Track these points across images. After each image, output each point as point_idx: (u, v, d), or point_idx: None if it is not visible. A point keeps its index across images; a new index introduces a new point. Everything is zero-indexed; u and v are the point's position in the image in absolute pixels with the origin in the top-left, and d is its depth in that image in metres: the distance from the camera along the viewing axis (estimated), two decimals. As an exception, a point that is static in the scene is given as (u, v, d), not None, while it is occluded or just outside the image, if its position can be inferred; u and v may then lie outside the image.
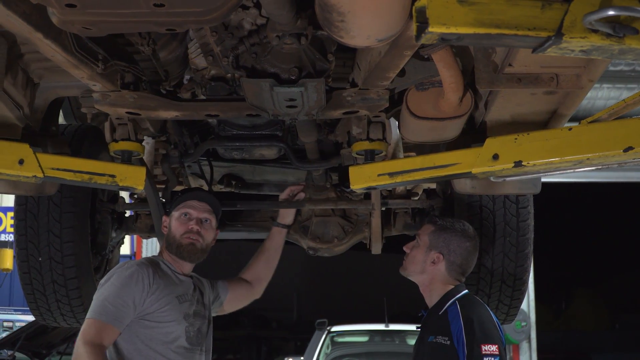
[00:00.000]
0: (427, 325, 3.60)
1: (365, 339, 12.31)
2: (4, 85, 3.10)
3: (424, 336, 3.58)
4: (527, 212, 4.60)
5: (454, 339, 3.36)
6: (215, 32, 2.91)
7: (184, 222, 3.70)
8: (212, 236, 3.79)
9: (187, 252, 3.64)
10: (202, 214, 3.74)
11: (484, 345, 3.28)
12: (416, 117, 3.42)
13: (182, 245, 3.64)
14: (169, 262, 3.73)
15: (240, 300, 4.28)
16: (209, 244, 3.75)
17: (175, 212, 3.76)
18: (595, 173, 12.30)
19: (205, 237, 3.71)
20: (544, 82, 3.07)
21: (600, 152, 3.12)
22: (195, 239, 3.64)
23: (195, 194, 3.86)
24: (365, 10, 2.21)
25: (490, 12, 2.04)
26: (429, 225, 3.71)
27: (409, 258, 3.70)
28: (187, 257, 3.66)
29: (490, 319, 3.48)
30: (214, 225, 3.79)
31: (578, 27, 2.02)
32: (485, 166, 3.27)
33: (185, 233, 3.64)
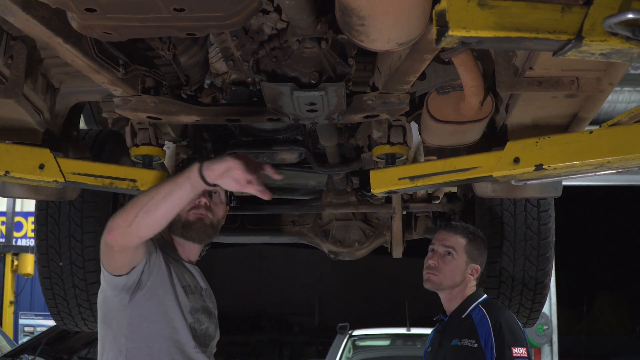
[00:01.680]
0: (449, 330, 3.55)
1: (387, 343, 12.30)
2: (24, 90, 3.11)
3: (444, 341, 3.53)
4: (548, 216, 4.58)
5: (482, 341, 3.35)
6: (235, 37, 2.91)
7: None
8: (223, 212, 3.16)
9: (195, 230, 3.03)
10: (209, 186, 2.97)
11: (514, 348, 3.31)
12: (437, 120, 3.41)
13: (190, 222, 3.02)
14: (172, 248, 3.12)
15: None
16: (219, 220, 3.14)
17: None
18: (617, 176, 12.23)
19: (216, 212, 3.09)
20: (564, 85, 3.05)
21: (621, 155, 3.10)
22: (204, 214, 3.04)
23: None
24: (385, 14, 2.21)
25: (510, 16, 2.04)
26: (459, 237, 3.60)
27: (447, 273, 3.55)
28: (196, 236, 3.05)
29: (517, 322, 3.54)
30: (223, 198, 3.15)
31: (598, 30, 2.01)
32: (506, 170, 3.27)
33: (192, 209, 3.01)
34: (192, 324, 2.96)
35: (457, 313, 3.53)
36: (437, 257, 3.56)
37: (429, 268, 3.56)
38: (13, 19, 2.43)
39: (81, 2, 2.19)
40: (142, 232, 2.69)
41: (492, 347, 3.30)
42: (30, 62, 3.12)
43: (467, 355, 3.36)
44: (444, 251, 3.56)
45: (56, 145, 3.52)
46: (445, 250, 3.56)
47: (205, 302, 3.11)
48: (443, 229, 3.72)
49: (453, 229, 3.65)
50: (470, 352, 3.35)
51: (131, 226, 2.62)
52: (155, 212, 2.62)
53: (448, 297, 3.59)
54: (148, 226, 2.67)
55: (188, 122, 3.50)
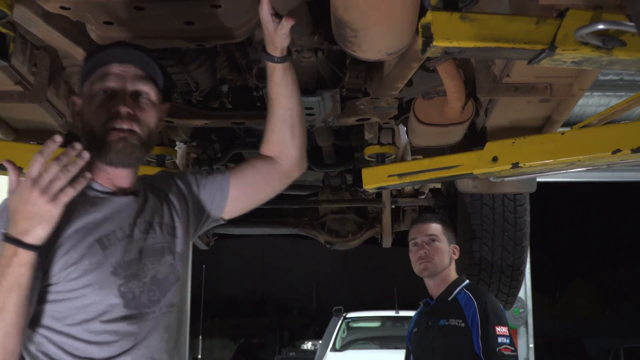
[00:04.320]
0: (436, 312, 3.55)
1: (378, 324, 12.34)
2: (48, 95, 3.10)
3: (432, 322, 3.53)
4: (523, 209, 4.59)
5: (469, 321, 3.36)
6: (240, 47, 2.91)
7: (102, 103, 1.99)
8: (155, 119, 2.06)
9: (115, 153, 1.95)
10: (130, 83, 2.01)
11: (497, 326, 3.33)
12: (423, 123, 3.42)
13: (108, 142, 1.95)
14: (94, 175, 1.98)
15: (259, 187, 2.35)
16: (152, 130, 2.05)
17: (88, 88, 2.05)
18: (588, 173, 12.24)
19: (145, 122, 2.01)
20: (539, 90, 3.06)
21: (590, 155, 3.10)
22: (127, 132, 1.97)
23: (115, 52, 2.05)
24: (376, 26, 2.21)
25: (490, 28, 2.03)
26: (435, 224, 3.66)
27: (438, 258, 3.57)
28: (118, 161, 1.97)
29: (499, 304, 3.58)
30: (154, 99, 2.06)
31: (570, 41, 2.01)
32: (485, 167, 3.27)
33: (108, 120, 1.96)
34: (120, 286, 1.90)
35: (443, 296, 3.54)
36: (424, 247, 3.57)
37: (421, 258, 3.56)
38: (36, 30, 2.42)
39: (100, 15, 2.19)
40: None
41: (477, 326, 3.32)
42: (53, 69, 3.12)
43: (455, 333, 3.37)
44: (428, 239, 3.59)
45: (78, 146, 3.51)
46: (429, 239, 3.59)
47: (148, 240, 2.03)
48: (417, 223, 3.74)
49: (427, 220, 3.71)
50: (459, 331, 3.36)
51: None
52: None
53: (437, 282, 3.59)
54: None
55: (198, 125, 3.49)
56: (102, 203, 1.98)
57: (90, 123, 1.99)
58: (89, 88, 2.03)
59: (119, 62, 2.01)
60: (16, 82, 3.01)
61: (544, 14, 2.11)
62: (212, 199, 2.27)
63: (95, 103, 1.99)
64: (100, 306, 1.86)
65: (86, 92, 2.04)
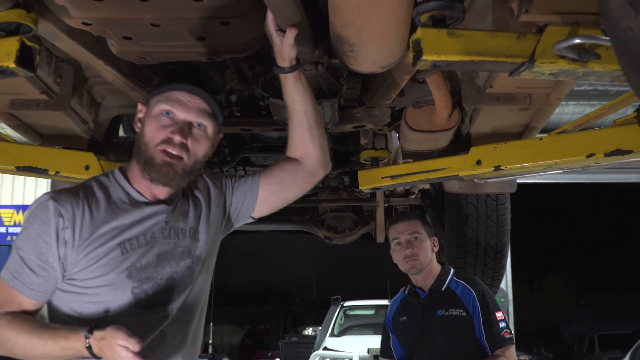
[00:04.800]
0: (431, 302, 3.37)
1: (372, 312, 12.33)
2: (72, 104, 3.10)
3: (427, 312, 3.35)
4: (505, 208, 4.60)
5: (470, 309, 3.22)
6: (247, 61, 2.91)
7: (162, 125, 1.97)
8: (205, 149, 2.06)
9: (158, 173, 1.95)
10: (193, 114, 2.00)
11: (496, 312, 3.22)
12: (413, 130, 3.41)
13: (154, 162, 1.95)
14: (132, 182, 2.04)
15: (287, 186, 2.33)
16: (198, 160, 2.03)
17: (154, 104, 2.03)
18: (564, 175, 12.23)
19: (194, 153, 2.00)
20: (519, 100, 3.05)
21: (566, 158, 3.10)
22: (174, 157, 1.96)
23: (185, 81, 2.04)
24: (371, 42, 2.21)
25: (474, 43, 2.03)
26: (413, 222, 3.46)
27: (422, 254, 3.38)
28: (158, 179, 1.97)
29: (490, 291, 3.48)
30: (210, 132, 2.06)
31: (548, 54, 2.01)
32: (470, 170, 3.27)
33: (162, 143, 1.95)
34: (134, 288, 1.92)
35: (435, 287, 3.38)
36: (408, 246, 3.39)
37: (407, 257, 3.38)
38: (60, 44, 2.41)
39: (119, 31, 2.18)
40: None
41: (479, 313, 3.20)
42: (76, 80, 3.11)
43: (457, 323, 3.22)
44: (410, 238, 3.40)
45: (99, 150, 3.51)
46: (412, 237, 3.40)
47: (173, 244, 2.03)
48: (397, 223, 3.51)
49: (405, 218, 3.50)
50: (460, 320, 3.22)
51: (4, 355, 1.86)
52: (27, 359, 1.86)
53: (424, 275, 3.41)
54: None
55: (209, 131, 3.48)
56: (133, 210, 1.99)
57: (146, 138, 1.99)
58: (155, 103, 2.02)
59: (188, 93, 2.01)
60: (42, 91, 3.01)
61: (524, 30, 2.11)
62: (243, 200, 2.29)
63: (156, 122, 1.99)
64: (113, 304, 1.89)
65: (152, 105, 2.04)
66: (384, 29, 2.11)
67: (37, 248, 1.85)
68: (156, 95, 2.03)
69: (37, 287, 1.86)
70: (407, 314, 3.45)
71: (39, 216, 1.87)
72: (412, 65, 2.07)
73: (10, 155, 3.30)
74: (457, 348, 3.16)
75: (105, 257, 1.89)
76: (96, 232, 1.89)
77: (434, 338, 3.22)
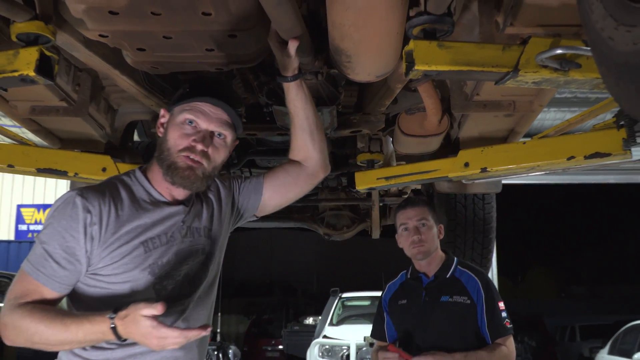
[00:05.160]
0: (435, 288, 3.13)
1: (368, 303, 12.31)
2: (89, 110, 3.10)
3: (430, 297, 3.12)
4: (491, 207, 4.60)
5: (474, 298, 3.03)
6: (253, 71, 2.91)
7: (186, 133, 1.98)
8: (224, 156, 2.06)
9: (180, 177, 1.96)
10: (214, 125, 2.01)
11: (499, 302, 3.06)
12: (406, 134, 3.42)
13: (177, 166, 1.95)
14: (152, 183, 2.04)
15: (290, 187, 2.35)
16: (217, 166, 2.05)
17: (178, 112, 2.02)
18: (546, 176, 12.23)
19: (213, 160, 2.01)
20: (504, 107, 3.05)
21: (548, 161, 3.11)
22: (196, 163, 1.96)
23: (209, 94, 2.03)
24: (367, 54, 2.21)
25: (463, 54, 2.03)
26: (422, 208, 3.18)
27: (430, 240, 3.13)
28: (180, 183, 1.97)
29: None
30: (229, 142, 2.07)
31: (531, 64, 2.00)
32: (458, 172, 3.27)
33: (184, 150, 1.96)
34: (155, 284, 1.92)
35: (440, 273, 3.15)
36: (416, 232, 3.13)
37: (414, 243, 3.12)
38: (78, 54, 2.41)
39: (134, 42, 2.18)
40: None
41: (482, 302, 3.02)
42: (94, 88, 3.11)
43: (461, 310, 3.03)
44: (418, 224, 3.13)
45: (115, 153, 3.50)
46: (419, 223, 3.13)
47: (189, 243, 2.03)
48: (405, 209, 3.22)
49: (414, 204, 3.22)
50: (464, 307, 3.02)
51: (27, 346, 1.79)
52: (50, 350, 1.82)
53: (429, 261, 3.15)
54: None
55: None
56: (154, 210, 1.98)
57: (169, 143, 1.99)
58: (179, 112, 2.01)
59: (211, 104, 2.01)
60: (61, 98, 3.01)
61: (509, 42, 2.11)
62: (248, 200, 2.30)
63: (180, 130, 1.99)
64: (134, 299, 1.82)
65: (176, 113, 2.03)
66: (379, 41, 2.12)
67: (64, 242, 1.81)
68: (181, 104, 2.02)
69: (61, 279, 1.82)
70: (407, 297, 3.23)
71: (67, 212, 1.84)
72: (405, 74, 2.07)
73: (32, 158, 3.30)
74: (458, 334, 3.01)
75: (130, 254, 1.87)
76: (121, 229, 1.88)
77: (436, 323, 3.04)
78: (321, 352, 10.66)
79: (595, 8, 1.25)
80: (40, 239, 1.84)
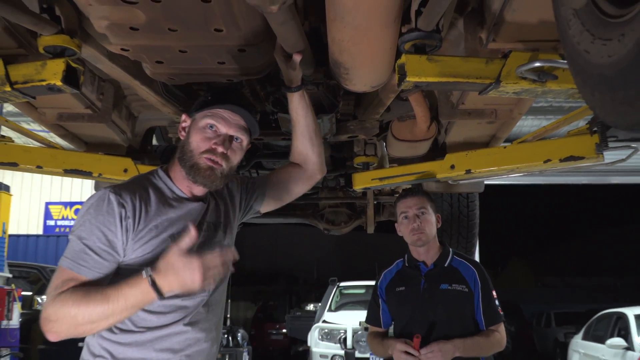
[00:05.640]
0: (434, 276, 2.99)
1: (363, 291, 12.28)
2: (112, 117, 3.10)
3: (429, 284, 2.98)
4: (474, 205, 4.60)
5: (471, 285, 2.95)
6: (260, 82, 2.90)
7: (207, 137, 1.99)
8: (239, 158, 2.09)
9: (202, 177, 1.97)
10: (233, 129, 2.02)
11: (492, 291, 3.00)
12: (398, 139, 3.41)
13: (199, 167, 1.97)
14: (174, 181, 2.04)
15: (290, 187, 2.38)
16: (233, 167, 2.06)
17: (200, 118, 2.02)
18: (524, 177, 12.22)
19: (231, 161, 2.02)
20: (486, 115, 3.05)
21: (526, 163, 3.10)
22: (216, 164, 1.97)
23: (229, 102, 2.05)
24: (363, 66, 2.21)
25: (449, 67, 2.03)
26: (421, 197, 3.05)
27: (429, 228, 3.00)
28: (201, 182, 1.98)
29: None
30: (244, 145, 2.09)
31: (512, 76, 2.01)
32: (445, 173, 3.26)
33: (206, 152, 1.97)
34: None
35: (439, 262, 3.03)
36: (416, 220, 3.01)
37: (414, 230, 2.99)
38: (102, 66, 2.41)
39: (152, 56, 2.18)
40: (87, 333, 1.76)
41: (479, 290, 2.94)
42: (116, 97, 3.11)
43: (459, 297, 2.93)
44: (418, 212, 3.01)
45: (136, 156, 3.51)
46: (419, 211, 3.01)
47: (208, 236, 2.04)
48: (405, 198, 3.09)
49: (414, 193, 3.09)
50: (462, 295, 2.93)
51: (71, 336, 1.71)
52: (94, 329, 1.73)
53: (426, 249, 3.03)
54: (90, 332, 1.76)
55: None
56: (178, 205, 1.97)
57: (192, 146, 1.99)
58: (202, 117, 2.02)
59: (231, 111, 2.02)
60: (86, 106, 3.00)
61: (492, 56, 2.10)
62: (253, 197, 2.30)
63: (202, 134, 1.99)
64: None
65: (198, 118, 2.02)
66: (374, 55, 2.11)
67: (102, 236, 1.78)
68: (203, 110, 2.02)
69: (102, 269, 1.78)
70: (405, 285, 3.07)
71: (103, 208, 1.81)
72: (397, 85, 2.07)
73: (59, 160, 3.30)
74: (456, 321, 2.90)
75: (160, 246, 1.86)
76: (150, 223, 1.87)
77: (435, 310, 2.91)
78: (321, 335, 10.65)
79: (572, 24, 1.25)
80: (79, 235, 1.79)
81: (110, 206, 1.82)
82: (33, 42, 2.24)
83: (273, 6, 1.66)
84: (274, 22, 1.83)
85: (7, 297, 7.28)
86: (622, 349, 8.12)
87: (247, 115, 2.05)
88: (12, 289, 7.41)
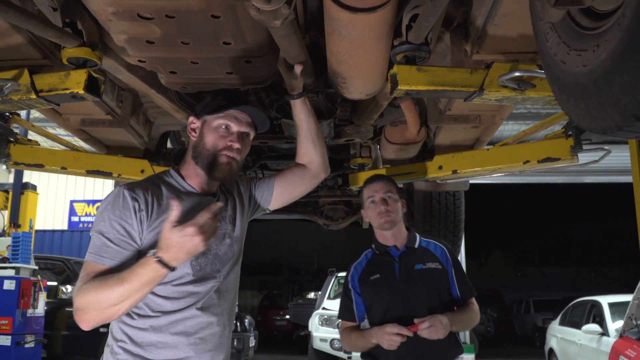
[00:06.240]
0: (407, 258, 2.78)
1: (359, 281, 12.30)
2: (130, 122, 3.09)
3: (404, 267, 2.76)
4: (460, 202, 4.59)
5: (444, 262, 2.78)
6: (265, 90, 2.90)
7: (223, 136, 2.00)
8: (248, 149, 2.13)
9: (221, 172, 1.98)
10: (243, 127, 2.05)
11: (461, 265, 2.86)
12: (390, 142, 3.41)
13: (219, 163, 1.97)
14: (185, 179, 2.02)
15: (296, 185, 2.33)
16: (243, 160, 2.10)
17: (212, 119, 2.02)
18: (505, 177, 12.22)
19: (243, 153, 2.06)
20: (471, 120, 3.05)
21: (507, 164, 3.10)
22: (233, 159, 1.99)
23: (238, 103, 2.07)
24: (358, 76, 2.21)
25: (437, 76, 2.03)
26: (386, 183, 2.84)
27: (395, 211, 2.78)
28: (220, 177, 1.99)
29: None
30: (252, 138, 2.12)
31: (494, 84, 2.00)
32: (434, 173, 3.26)
33: (224, 149, 1.99)
34: (192, 261, 1.89)
35: (410, 244, 2.83)
36: (383, 203, 2.79)
37: (382, 213, 2.78)
38: (121, 76, 2.41)
39: (167, 67, 2.18)
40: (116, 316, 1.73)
41: (451, 266, 2.78)
42: (134, 104, 3.11)
43: (435, 275, 2.74)
44: (385, 196, 2.79)
45: (152, 158, 3.50)
46: (386, 195, 2.79)
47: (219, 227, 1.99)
48: (372, 183, 2.87)
49: (379, 179, 2.88)
50: (437, 272, 2.74)
51: (100, 321, 1.70)
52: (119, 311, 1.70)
53: (394, 232, 2.82)
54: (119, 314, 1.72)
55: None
56: (190, 199, 1.95)
57: (208, 145, 1.99)
58: (214, 119, 2.02)
59: (240, 111, 2.04)
60: (107, 112, 3.00)
61: (476, 66, 2.10)
62: (262, 195, 2.27)
63: (217, 133, 2.00)
64: (175, 274, 1.82)
65: (209, 120, 2.02)
66: (368, 66, 2.11)
67: (120, 228, 1.78)
68: (213, 113, 2.02)
69: (123, 258, 1.77)
70: (380, 272, 2.82)
71: (119, 203, 1.81)
72: (390, 93, 2.07)
73: (82, 162, 3.30)
74: (436, 298, 2.71)
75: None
76: (163, 215, 1.84)
77: (415, 291, 2.70)
78: (321, 321, 10.66)
79: (550, 37, 1.25)
80: (99, 230, 1.79)
81: (125, 201, 1.82)
82: (57, 54, 2.23)
83: (276, 21, 1.66)
84: (278, 35, 1.83)
85: (33, 288, 7.28)
86: (597, 335, 8.11)
87: (255, 112, 2.08)
88: (38, 280, 7.40)
